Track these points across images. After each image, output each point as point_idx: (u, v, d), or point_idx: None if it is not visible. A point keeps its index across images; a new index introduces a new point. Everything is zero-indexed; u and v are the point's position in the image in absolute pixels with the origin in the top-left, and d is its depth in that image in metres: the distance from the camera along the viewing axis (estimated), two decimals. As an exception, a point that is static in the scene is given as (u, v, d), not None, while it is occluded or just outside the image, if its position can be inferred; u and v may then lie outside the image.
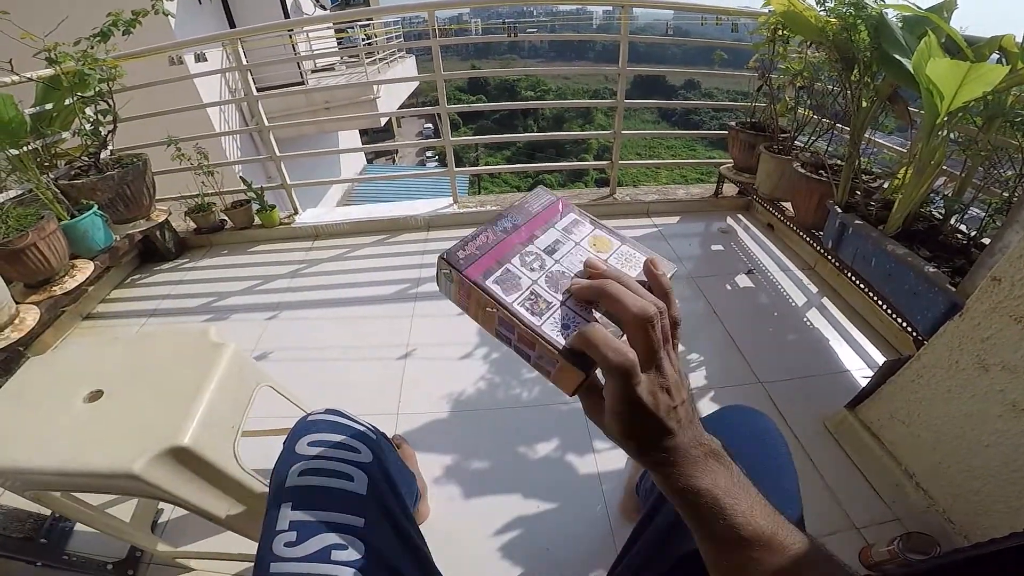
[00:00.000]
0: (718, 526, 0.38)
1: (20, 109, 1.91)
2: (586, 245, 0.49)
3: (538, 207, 0.52)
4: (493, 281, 0.44)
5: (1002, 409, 0.98)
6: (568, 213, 0.52)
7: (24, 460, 0.79)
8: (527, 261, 0.46)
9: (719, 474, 0.39)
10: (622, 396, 0.38)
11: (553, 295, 0.44)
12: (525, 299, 0.43)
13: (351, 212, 2.91)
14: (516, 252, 0.46)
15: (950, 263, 1.34)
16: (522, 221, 0.50)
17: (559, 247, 0.48)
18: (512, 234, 0.48)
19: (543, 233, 0.49)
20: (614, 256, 0.48)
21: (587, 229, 0.51)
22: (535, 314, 0.42)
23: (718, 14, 2.50)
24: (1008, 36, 1.32)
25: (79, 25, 2.03)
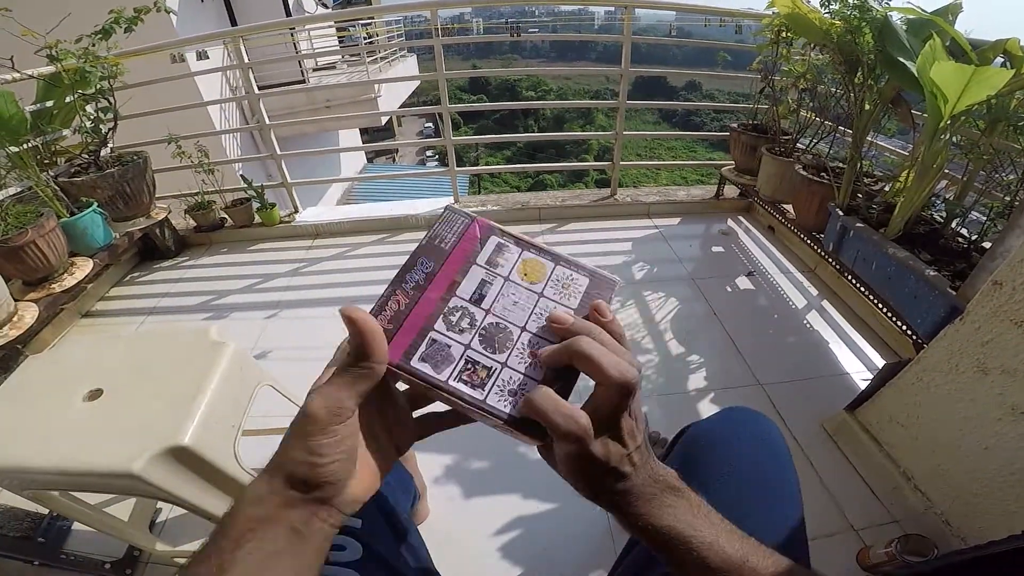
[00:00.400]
0: (688, 559, 0.37)
1: (21, 106, 1.91)
2: (516, 277, 0.42)
3: (452, 239, 0.44)
4: (419, 359, 0.38)
5: (1001, 412, 0.98)
6: (489, 237, 0.44)
7: (23, 459, 0.79)
8: (453, 322, 0.40)
9: (679, 508, 0.39)
10: (574, 455, 0.37)
11: (491, 357, 0.39)
12: (461, 371, 0.38)
13: (351, 211, 2.91)
14: (438, 313, 0.40)
15: (951, 267, 1.34)
16: (436, 267, 0.42)
17: (487, 290, 0.42)
18: (428, 288, 0.41)
19: (464, 276, 0.42)
20: (550, 283, 0.42)
21: (514, 254, 0.44)
22: (475, 386, 0.38)
23: (722, 15, 2.50)
24: (1013, 40, 1.32)
25: (81, 22, 2.02)
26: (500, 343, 0.39)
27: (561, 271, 0.43)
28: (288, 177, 2.76)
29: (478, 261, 0.43)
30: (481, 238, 0.44)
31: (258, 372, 1.05)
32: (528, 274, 0.43)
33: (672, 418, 1.48)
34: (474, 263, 0.43)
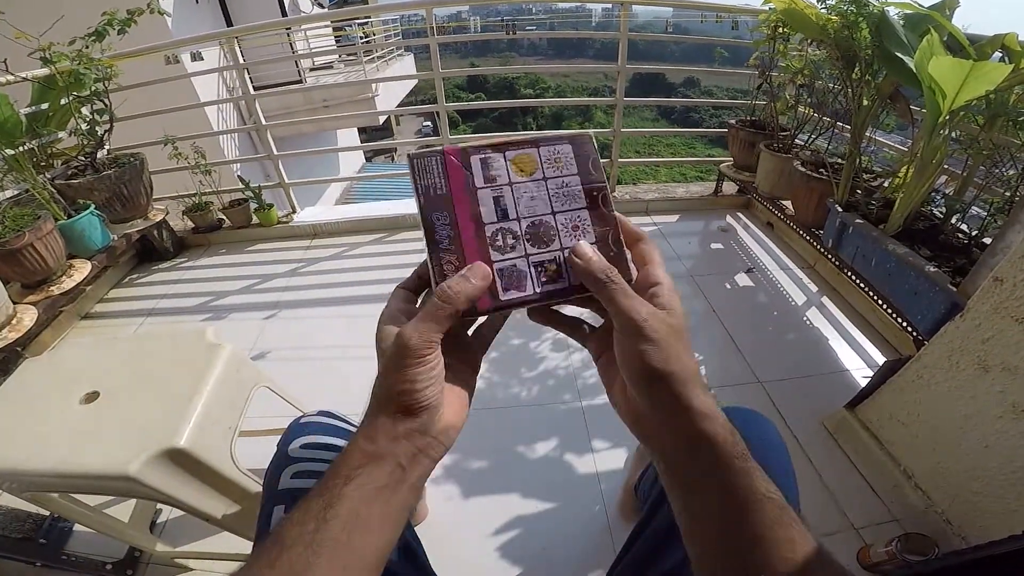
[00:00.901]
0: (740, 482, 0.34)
1: (15, 109, 1.90)
2: (517, 178, 0.43)
3: (442, 182, 0.43)
4: (504, 292, 0.41)
5: (1002, 410, 0.97)
6: (469, 159, 0.43)
7: (21, 461, 0.79)
8: (501, 246, 0.42)
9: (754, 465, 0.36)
10: (630, 332, 0.36)
11: (550, 250, 0.42)
12: (539, 277, 0.41)
13: (349, 211, 2.91)
14: (485, 247, 0.42)
15: (951, 263, 1.34)
16: (451, 213, 0.42)
17: (503, 203, 0.43)
18: (462, 234, 0.42)
19: (478, 204, 0.42)
20: (545, 166, 0.44)
21: (500, 160, 0.44)
22: (559, 279, 0.41)
23: (718, 11, 2.49)
24: (1011, 34, 1.31)
25: (74, 24, 2.02)
26: (547, 235, 0.42)
27: (545, 151, 0.44)
28: (286, 177, 2.76)
29: (478, 184, 0.43)
30: (463, 164, 0.43)
31: (255, 373, 1.05)
32: (523, 169, 0.44)
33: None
34: (477, 188, 0.43)
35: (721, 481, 0.34)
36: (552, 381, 1.62)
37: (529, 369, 1.67)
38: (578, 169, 0.44)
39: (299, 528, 0.33)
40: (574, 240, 0.42)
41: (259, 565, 0.32)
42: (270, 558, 0.32)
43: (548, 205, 0.43)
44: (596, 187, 0.44)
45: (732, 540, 0.33)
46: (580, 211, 0.43)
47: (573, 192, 0.44)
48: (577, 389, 1.58)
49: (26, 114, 2.00)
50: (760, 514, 0.33)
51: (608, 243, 0.42)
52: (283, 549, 0.32)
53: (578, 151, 0.44)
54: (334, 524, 0.33)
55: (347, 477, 0.35)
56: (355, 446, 0.36)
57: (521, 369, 1.67)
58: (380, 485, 0.35)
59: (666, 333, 0.36)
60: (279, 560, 0.32)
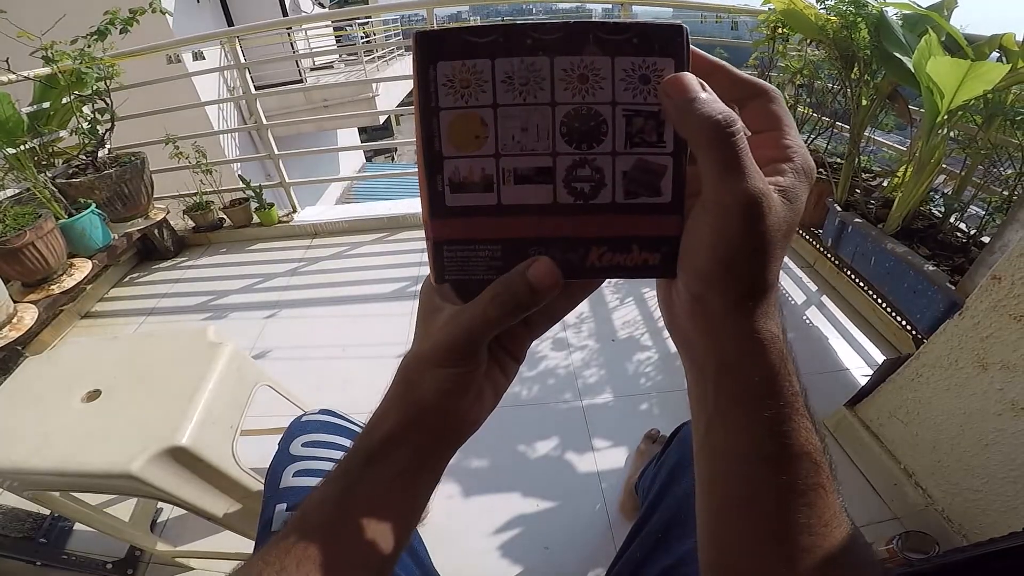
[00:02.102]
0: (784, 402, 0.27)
1: (17, 108, 1.90)
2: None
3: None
4: None
5: (1001, 408, 0.97)
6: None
7: (22, 460, 0.79)
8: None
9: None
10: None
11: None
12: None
13: (350, 210, 2.91)
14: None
15: (950, 261, 1.34)
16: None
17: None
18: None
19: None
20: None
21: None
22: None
23: (718, 11, 2.49)
24: (1008, 35, 1.32)
25: (76, 24, 2.02)
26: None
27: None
28: (286, 177, 2.76)
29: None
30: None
31: (256, 372, 1.05)
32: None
33: (672, 416, 1.48)
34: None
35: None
36: (552, 380, 1.63)
37: (530, 368, 1.68)
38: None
39: (318, 513, 0.32)
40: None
41: (276, 551, 0.30)
42: (287, 543, 0.30)
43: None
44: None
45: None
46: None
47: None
48: (578, 388, 1.59)
49: (27, 113, 2.01)
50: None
51: None
52: (301, 535, 0.31)
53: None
54: (355, 507, 0.32)
55: (367, 459, 0.33)
56: (377, 426, 0.34)
57: (521, 368, 1.66)
58: (400, 470, 0.33)
59: (781, 226, 0.26)
60: (295, 547, 0.30)
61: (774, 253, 0.26)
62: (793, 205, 0.26)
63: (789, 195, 0.26)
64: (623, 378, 1.60)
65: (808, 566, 0.27)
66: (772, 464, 0.28)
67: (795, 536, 0.28)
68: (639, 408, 1.52)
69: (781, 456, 0.28)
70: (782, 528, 0.28)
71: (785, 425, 0.27)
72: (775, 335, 0.27)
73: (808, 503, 0.28)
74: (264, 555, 0.31)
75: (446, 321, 0.31)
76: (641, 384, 1.58)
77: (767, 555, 0.28)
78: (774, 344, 0.27)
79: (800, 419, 0.27)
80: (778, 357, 0.27)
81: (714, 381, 0.28)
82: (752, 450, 0.28)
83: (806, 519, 0.28)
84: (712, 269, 0.26)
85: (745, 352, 0.27)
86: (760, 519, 0.28)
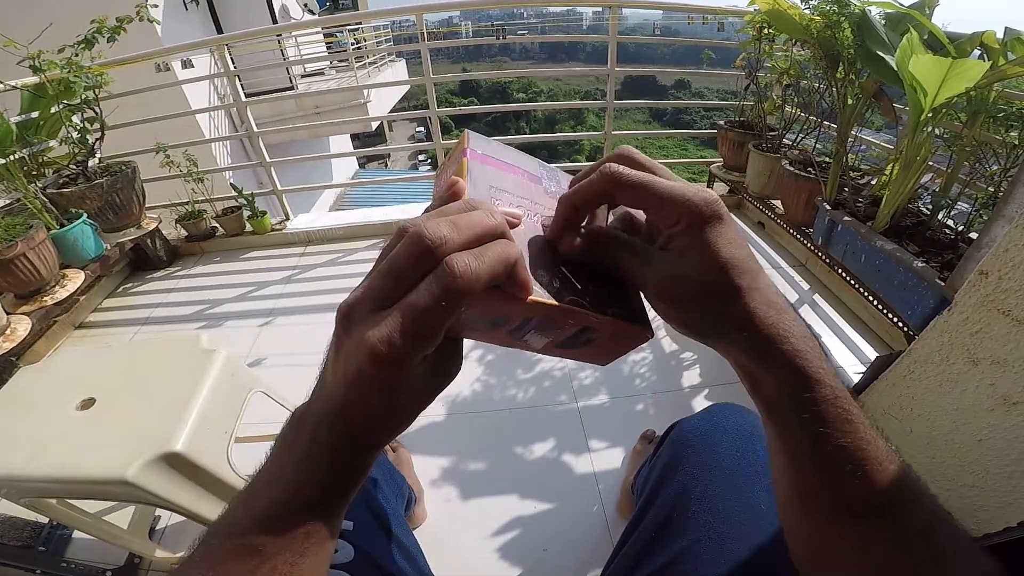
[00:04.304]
0: (840, 450, 0.29)
1: (5, 117, 1.89)
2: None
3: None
4: None
5: (993, 403, 0.98)
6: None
7: (18, 468, 0.79)
8: None
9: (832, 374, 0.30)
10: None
11: None
12: None
13: (343, 217, 2.90)
14: None
15: (939, 258, 1.36)
16: None
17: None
18: None
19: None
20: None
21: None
22: None
23: (704, 13, 2.51)
24: (989, 32, 1.34)
25: (63, 32, 2.01)
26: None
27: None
28: (279, 184, 2.76)
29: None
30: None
31: (250, 378, 1.05)
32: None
33: (668, 416, 1.49)
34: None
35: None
36: (548, 383, 1.63)
37: (525, 371, 1.68)
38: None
39: (285, 541, 0.29)
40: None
41: (235, 571, 0.28)
42: (248, 566, 0.28)
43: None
44: None
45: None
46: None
47: None
48: (573, 390, 1.59)
49: (16, 123, 2.00)
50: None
51: None
52: (265, 559, 0.29)
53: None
54: (322, 533, 0.31)
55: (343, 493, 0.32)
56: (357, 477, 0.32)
57: (517, 371, 1.67)
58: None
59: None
60: (262, 568, 0.28)
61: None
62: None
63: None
64: (618, 379, 1.61)
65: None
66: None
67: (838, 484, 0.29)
68: (635, 409, 1.52)
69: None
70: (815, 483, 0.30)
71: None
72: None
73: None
74: (218, 568, 0.29)
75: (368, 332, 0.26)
76: (636, 385, 1.58)
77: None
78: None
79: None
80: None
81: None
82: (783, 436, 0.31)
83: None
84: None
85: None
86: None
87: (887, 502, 0.29)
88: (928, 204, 1.57)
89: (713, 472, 0.61)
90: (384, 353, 0.25)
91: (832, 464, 0.29)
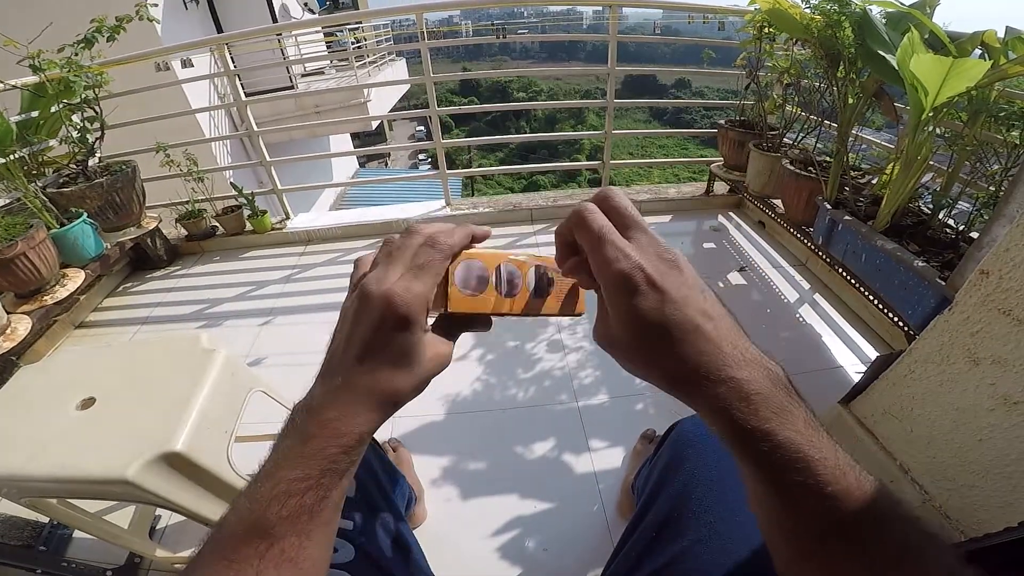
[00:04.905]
0: (795, 483, 0.29)
1: (6, 117, 1.89)
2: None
3: None
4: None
5: (994, 403, 0.98)
6: None
7: (18, 467, 0.79)
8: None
9: (796, 415, 0.30)
10: (623, 287, 0.32)
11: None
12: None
13: (343, 216, 2.91)
14: None
15: (939, 257, 1.35)
16: None
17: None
18: None
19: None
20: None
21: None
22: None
23: (705, 12, 2.51)
24: (990, 31, 1.34)
25: (63, 32, 2.01)
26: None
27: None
28: (279, 183, 2.76)
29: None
30: None
31: (250, 378, 1.05)
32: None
33: (667, 415, 1.48)
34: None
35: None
36: (548, 382, 1.63)
37: (525, 371, 1.68)
38: None
39: (290, 522, 0.32)
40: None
41: (244, 556, 0.31)
42: (258, 549, 0.31)
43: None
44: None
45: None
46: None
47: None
48: (573, 390, 1.59)
49: (16, 122, 2.00)
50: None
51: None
52: (274, 541, 0.31)
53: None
54: (327, 511, 0.33)
55: (343, 472, 0.34)
56: (356, 447, 0.35)
57: (517, 370, 1.67)
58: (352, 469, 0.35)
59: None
60: (271, 551, 0.31)
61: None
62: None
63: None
64: (618, 379, 1.61)
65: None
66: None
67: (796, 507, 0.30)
68: (635, 408, 1.52)
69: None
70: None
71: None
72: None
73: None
74: (228, 554, 0.31)
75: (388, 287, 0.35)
76: (636, 384, 1.58)
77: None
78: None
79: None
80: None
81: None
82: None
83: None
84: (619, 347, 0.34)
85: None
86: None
87: (850, 528, 0.29)
88: (929, 203, 1.56)
89: (713, 472, 0.61)
90: (401, 296, 0.34)
91: (790, 499, 0.30)
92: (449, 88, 37.59)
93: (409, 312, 0.34)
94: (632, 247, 0.33)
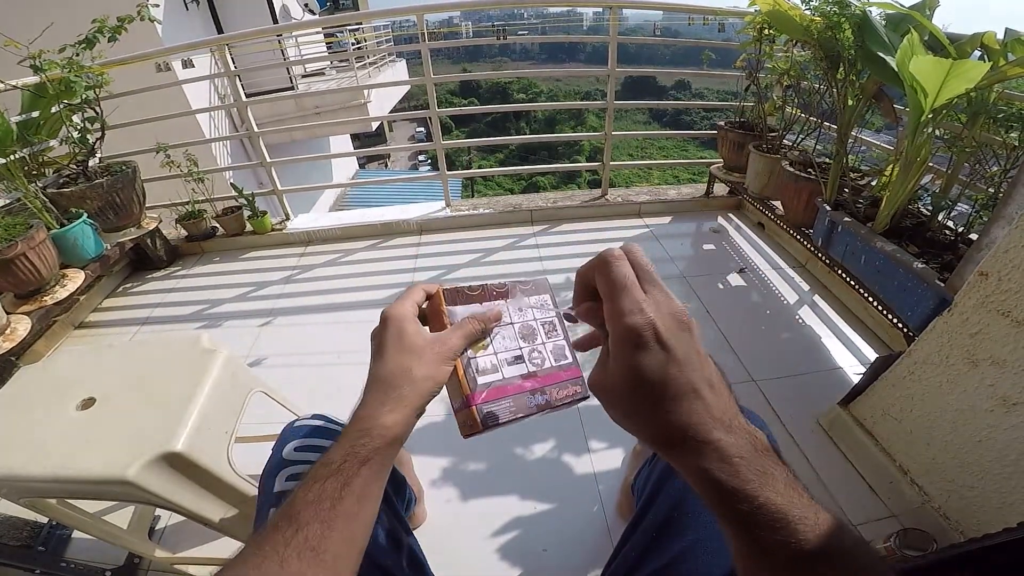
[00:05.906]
0: (776, 543, 0.30)
1: (6, 117, 1.89)
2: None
3: None
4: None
5: (992, 404, 0.98)
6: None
7: (18, 468, 0.79)
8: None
9: (777, 477, 0.31)
10: (630, 344, 0.33)
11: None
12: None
13: (343, 217, 2.91)
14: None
15: (938, 259, 1.36)
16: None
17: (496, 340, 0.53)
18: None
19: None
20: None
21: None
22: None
23: (705, 14, 2.51)
24: (989, 33, 1.34)
25: (64, 32, 2.01)
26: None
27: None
28: (279, 184, 2.76)
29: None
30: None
31: (250, 378, 1.05)
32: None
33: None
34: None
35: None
36: (548, 383, 1.63)
37: (525, 371, 1.68)
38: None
39: (315, 508, 0.36)
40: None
41: (272, 543, 0.34)
42: (285, 536, 0.35)
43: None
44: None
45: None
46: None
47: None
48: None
49: (17, 122, 2.00)
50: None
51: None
52: (299, 528, 0.35)
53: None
54: (348, 500, 0.37)
55: (365, 459, 0.39)
56: (374, 430, 0.41)
57: (517, 371, 1.67)
58: (387, 462, 0.41)
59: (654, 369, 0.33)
60: (295, 538, 0.34)
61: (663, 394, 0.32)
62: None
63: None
64: (618, 379, 1.61)
65: None
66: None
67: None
68: (635, 409, 1.52)
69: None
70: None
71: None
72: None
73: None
74: (259, 545, 0.35)
75: (446, 334, 0.49)
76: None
77: None
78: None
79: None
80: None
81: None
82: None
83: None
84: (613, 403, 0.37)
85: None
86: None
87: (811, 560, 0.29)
88: (928, 205, 1.56)
89: None
90: (390, 309, 0.51)
91: (769, 557, 0.30)
92: (449, 89, 37.57)
93: (396, 315, 0.50)
94: (649, 302, 0.34)
